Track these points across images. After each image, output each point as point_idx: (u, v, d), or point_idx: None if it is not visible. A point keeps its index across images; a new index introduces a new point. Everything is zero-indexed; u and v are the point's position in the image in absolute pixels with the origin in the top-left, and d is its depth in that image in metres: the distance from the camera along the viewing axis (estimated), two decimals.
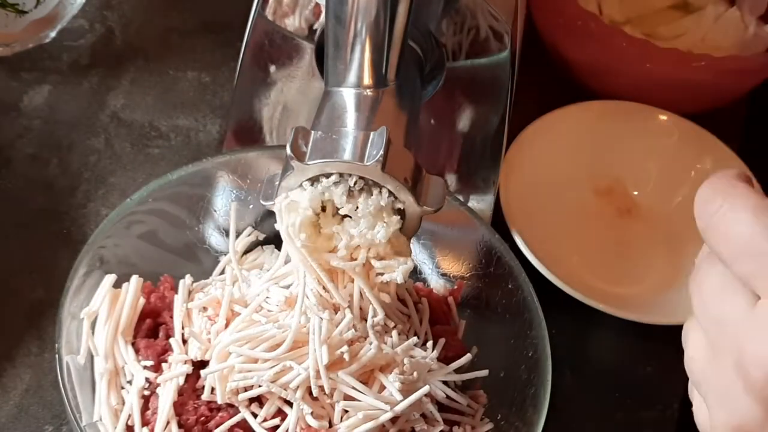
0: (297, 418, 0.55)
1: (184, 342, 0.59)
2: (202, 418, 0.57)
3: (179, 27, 0.88)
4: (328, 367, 0.56)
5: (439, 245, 0.68)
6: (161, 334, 0.61)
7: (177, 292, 0.62)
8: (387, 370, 0.58)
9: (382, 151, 0.53)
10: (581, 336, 0.75)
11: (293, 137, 0.55)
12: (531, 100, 0.78)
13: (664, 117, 0.82)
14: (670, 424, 0.72)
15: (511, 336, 0.63)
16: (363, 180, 0.56)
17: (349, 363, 0.56)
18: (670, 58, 0.78)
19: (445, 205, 0.58)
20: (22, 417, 0.65)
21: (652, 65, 0.80)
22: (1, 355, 0.67)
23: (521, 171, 0.76)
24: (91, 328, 0.60)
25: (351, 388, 0.56)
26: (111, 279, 0.61)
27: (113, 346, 0.59)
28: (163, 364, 0.59)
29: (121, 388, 0.59)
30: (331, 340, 0.56)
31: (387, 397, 0.56)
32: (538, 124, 0.79)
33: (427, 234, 0.68)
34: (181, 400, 0.57)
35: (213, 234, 0.67)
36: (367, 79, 0.58)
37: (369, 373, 0.58)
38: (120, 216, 0.63)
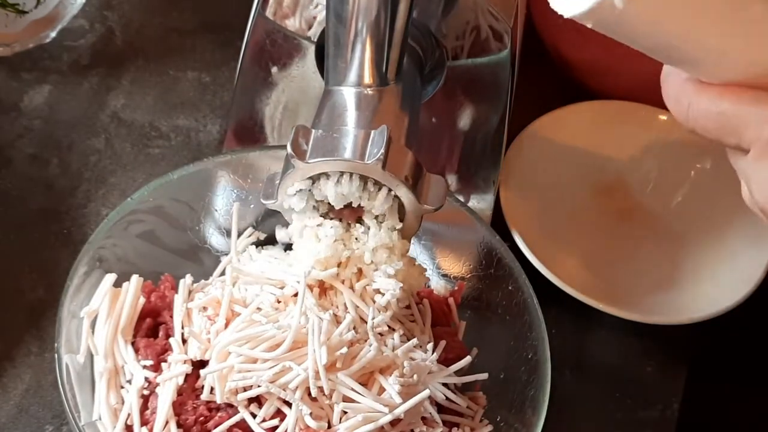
0: (296, 418, 0.55)
1: (184, 342, 0.59)
2: (201, 418, 0.57)
3: (179, 27, 0.88)
4: (327, 368, 0.55)
5: (440, 246, 0.68)
6: (161, 334, 0.61)
7: (177, 292, 0.62)
8: (387, 372, 0.58)
9: (382, 150, 0.53)
10: (581, 336, 0.75)
11: (294, 136, 0.55)
12: (531, 100, 0.78)
13: (664, 117, 0.82)
14: (670, 424, 0.72)
15: (511, 338, 0.63)
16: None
17: (349, 364, 0.56)
18: None
19: (446, 206, 0.58)
20: (22, 417, 0.65)
21: (653, 65, 0.79)
22: (2, 355, 0.67)
23: (521, 171, 0.76)
24: (91, 327, 0.60)
25: (350, 390, 0.56)
26: (111, 278, 0.61)
27: (113, 346, 0.59)
28: (163, 364, 0.59)
29: (121, 387, 0.59)
30: (331, 341, 0.56)
31: (386, 399, 0.56)
32: (538, 124, 0.79)
33: (427, 234, 0.68)
34: (181, 399, 0.57)
35: (213, 234, 0.67)
36: (367, 78, 0.58)
37: (369, 374, 0.58)
38: (120, 215, 0.63)
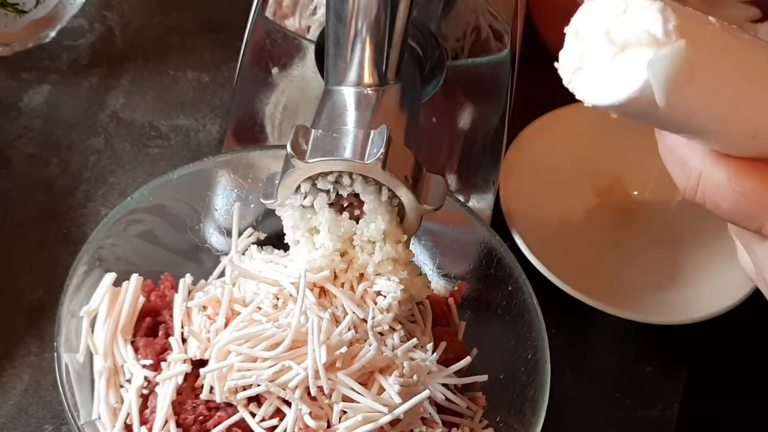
0: (295, 418, 0.55)
1: (184, 341, 0.59)
2: (201, 418, 0.57)
3: (179, 27, 0.88)
4: (327, 368, 0.55)
5: (440, 246, 0.68)
6: (161, 333, 0.60)
7: (177, 291, 0.62)
8: (387, 371, 0.58)
9: (382, 150, 0.53)
10: (581, 336, 0.75)
11: (294, 135, 0.55)
12: (531, 100, 0.78)
13: None
14: (670, 424, 0.72)
15: (511, 338, 0.63)
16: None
17: (349, 364, 0.56)
18: None
19: (446, 206, 0.58)
20: (21, 417, 0.65)
21: None
22: (1, 355, 0.67)
23: (521, 171, 0.76)
24: (91, 326, 0.60)
25: (350, 390, 0.56)
26: (111, 277, 0.61)
27: (112, 345, 0.59)
28: (162, 363, 0.58)
29: (120, 386, 0.59)
30: (331, 340, 0.56)
31: (386, 399, 0.56)
32: (538, 124, 0.79)
33: (427, 235, 0.68)
34: (180, 399, 0.57)
35: (213, 234, 0.67)
36: (367, 78, 0.58)
37: (368, 374, 0.58)
38: (120, 215, 0.63)
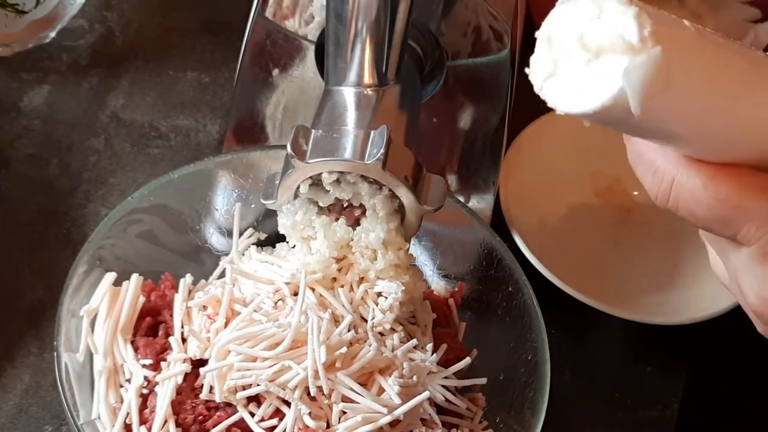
0: (295, 418, 0.55)
1: (184, 341, 0.59)
2: (200, 417, 0.57)
3: (179, 27, 0.88)
4: (327, 368, 0.55)
5: (441, 247, 0.68)
6: (161, 333, 0.61)
7: (177, 291, 0.62)
8: (386, 372, 0.58)
9: (382, 150, 0.53)
10: (581, 336, 0.75)
11: (294, 136, 0.55)
12: (531, 100, 0.77)
13: None
14: (670, 424, 0.72)
15: (511, 339, 0.63)
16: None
17: (348, 364, 0.56)
18: None
19: (447, 207, 0.58)
20: (21, 417, 0.65)
21: None
22: (1, 355, 0.67)
23: (521, 171, 0.76)
24: (91, 326, 0.60)
25: (349, 390, 0.56)
26: (111, 277, 0.61)
27: (112, 344, 0.59)
28: (162, 363, 0.59)
29: (120, 386, 0.59)
30: (331, 340, 0.56)
31: (386, 400, 0.56)
32: (538, 124, 0.79)
33: (428, 235, 0.68)
34: (179, 399, 0.57)
35: (214, 234, 0.67)
36: (367, 78, 0.58)
37: (368, 374, 0.58)
38: (121, 215, 0.63)
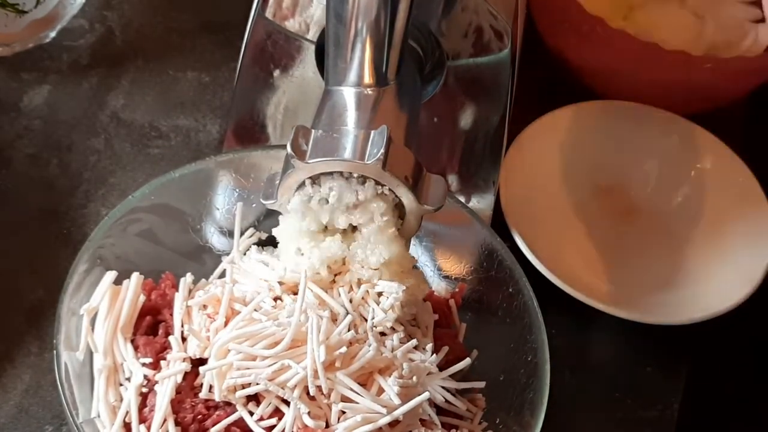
0: (294, 417, 0.55)
1: (184, 340, 0.59)
2: (199, 416, 0.57)
3: (179, 27, 0.88)
4: (326, 368, 0.55)
5: (441, 247, 0.68)
6: (161, 332, 0.60)
7: (178, 290, 0.62)
8: (386, 372, 0.58)
9: (382, 150, 0.53)
10: (581, 336, 0.75)
11: (294, 136, 0.55)
12: (531, 100, 0.78)
13: (664, 117, 0.82)
14: (670, 424, 0.72)
15: (511, 340, 0.63)
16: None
17: (348, 364, 0.56)
18: (676, 61, 0.78)
19: (448, 207, 0.58)
20: (22, 417, 0.65)
21: (658, 68, 0.79)
22: (2, 355, 0.67)
23: (521, 171, 0.76)
24: (91, 324, 0.60)
25: (349, 390, 0.56)
26: (112, 276, 0.61)
27: (112, 343, 0.59)
28: (162, 362, 0.59)
29: (120, 385, 0.59)
30: (330, 340, 0.56)
31: (385, 400, 0.56)
32: (538, 124, 0.79)
33: (429, 236, 0.68)
34: (179, 398, 0.57)
35: (214, 234, 0.67)
36: (367, 78, 0.58)
37: (368, 375, 0.58)
38: (122, 213, 0.63)
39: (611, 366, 0.74)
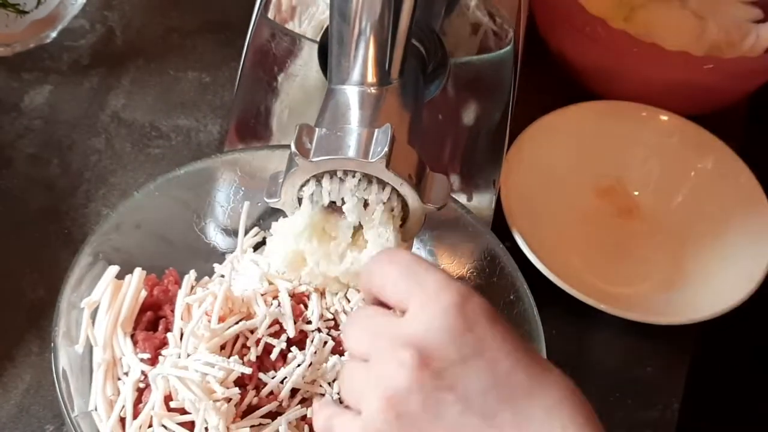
0: None
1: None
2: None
3: (180, 27, 0.88)
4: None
5: (443, 252, 0.68)
6: (160, 328, 0.60)
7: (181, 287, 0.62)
8: None
9: (386, 148, 0.53)
10: (581, 336, 0.75)
11: (297, 134, 0.55)
12: (532, 100, 0.78)
13: (664, 117, 0.82)
14: (670, 424, 0.72)
15: None
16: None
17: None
18: (677, 61, 0.78)
19: (452, 213, 0.58)
20: (22, 416, 0.65)
21: (659, 68, 0.79)
22: (2, 355, 0.67)
23: (522, 171, 0.76)
24: (92, 318, 0.60)
25: None
26: (114, 270, 0.61)
27: (112, 337, 0.59)
28: (160, 358, 0.58)
29: (118, 379, 0.58)
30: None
31: None
32: (539, 124, 0.80)
33: (431, 240, 0.68)
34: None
35: (218, 232, 0.67)
36: (370, 77, 0.58)
37: None
38: (126, 209, 0.63)
39: (611, 366, 0.74)
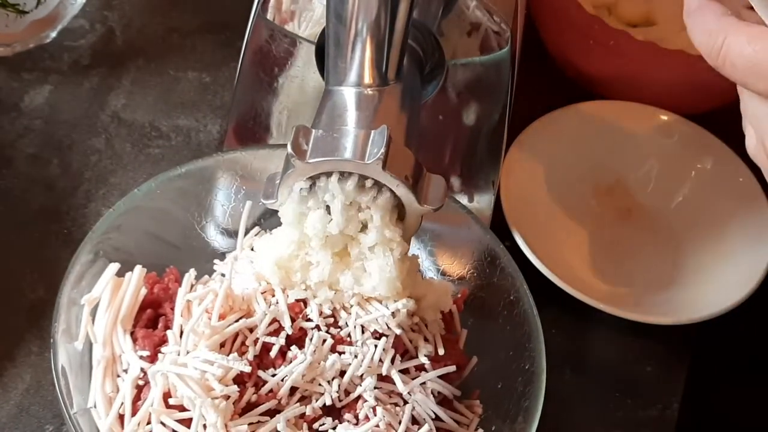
0: None
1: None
2: None
3: (180, 27, 0.88)
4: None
5: (443, 252, 0.68)
6: (160, 325, 0.60)
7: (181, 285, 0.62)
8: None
9: (383, 150, 0.53)
10: (581, 336, 0.75)
11: (294, 136, 0.55)
12: (531, 100, 0.78)
13: (664, 117, 0.82)
14: (670, 424, 0.72)
15: (510, 347, 0.63)
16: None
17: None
18: (679, 61, 0.78)
19: (452, 212, 0.58)
20: (22, 416, 0.65)
21: (658, 68, 0.79)
22: (2, 355, 0.67)
23: (521, 171, 0.76)
24: (91, 315, 0.60)
25: None
26: (115, 267, 0.61)
27: (112, 334, 0.59)
28: (159, 355, 0.58)
29: (117, 376, 0.58)
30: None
31: None
32: (539, 124, 0.80)
33: (431, 240, 0.68)
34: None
35: (218, 231, 0.67)
36: (367, 78, 0.57)
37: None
38: (127, 207, 0.63)
39: (611, 366, 0.74)
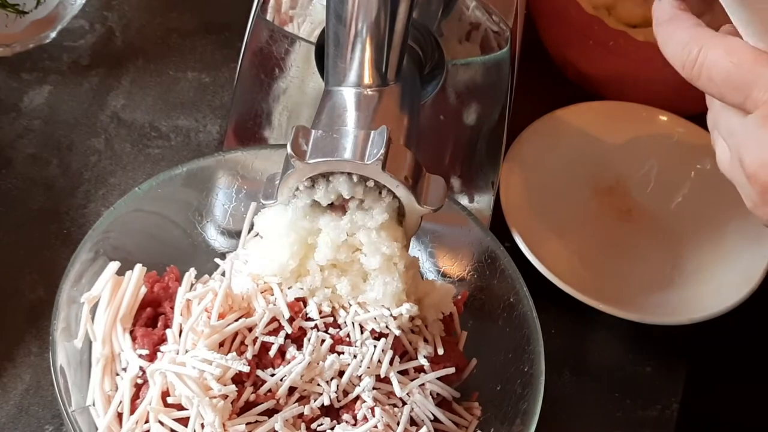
0: None
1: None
2: None
3: (179, 27, 0.88)
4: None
5: (443, 253, 0.68)
6: (159, 324, 0.60)
7: (181, 285, 0.62)
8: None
9: (382, 150, 0.53)
10: (581, 336, 0.75)
11: (294, 136, 0.55)
12: (531, 100, 0.78)
13: (664, 117, 0.82)
14: (670, 424, 0.72)
15: (510, 350, 0.63)
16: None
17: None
18: None
19: (452, 213, 0.58)
20: (22, 417, 0.65)
21: (660, 69, 0.79)
22: (2, 355, 0.67)
23: (521, 171, 0.76)
24: (91, 314, 0.60)
25: None
26: (115, 266, 0.61)
27: (111, 333, 0.59)
28: (158, 354, 0.58)
29: (116, 374, 0.59)
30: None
31: None
32: (538, 124, 0.80)
33: (431, 241, 0.68)
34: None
35: (217, 231, 0.67)
36: (367, 79, 0.58)
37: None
38: (127, 205, 0.63)
39: (611, 366, 0.74)
